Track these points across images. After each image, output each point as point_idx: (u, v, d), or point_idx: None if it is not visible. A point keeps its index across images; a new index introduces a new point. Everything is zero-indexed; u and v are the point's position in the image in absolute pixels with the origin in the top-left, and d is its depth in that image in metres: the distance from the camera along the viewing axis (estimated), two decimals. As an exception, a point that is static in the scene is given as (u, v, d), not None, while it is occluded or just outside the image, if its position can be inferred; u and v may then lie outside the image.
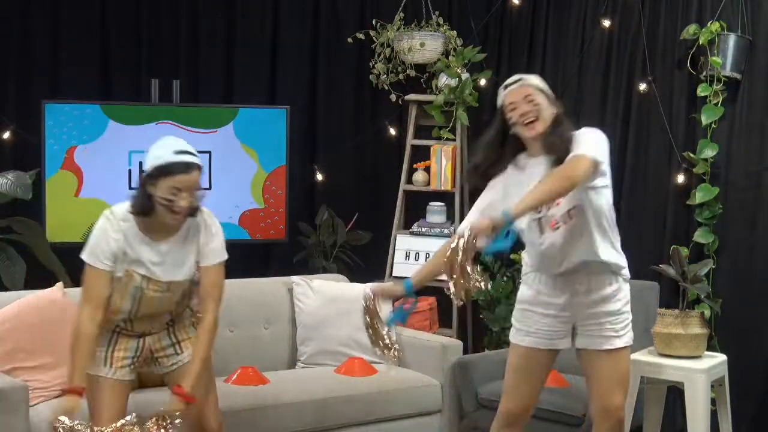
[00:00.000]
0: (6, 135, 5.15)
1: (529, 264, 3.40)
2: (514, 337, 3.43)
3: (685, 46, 4.91)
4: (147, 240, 3.20)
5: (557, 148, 3.20)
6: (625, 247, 5.10)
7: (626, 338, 3.35)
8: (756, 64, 4.73)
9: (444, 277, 3.02)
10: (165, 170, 3.09)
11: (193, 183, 3.13)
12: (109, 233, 3.17)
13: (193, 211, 3.21)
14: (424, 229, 5.57)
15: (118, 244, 3.16)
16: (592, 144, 3.17)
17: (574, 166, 3.08)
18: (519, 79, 3.35)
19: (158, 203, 3.11)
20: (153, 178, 3.10)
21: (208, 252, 3.27)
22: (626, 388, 3.42)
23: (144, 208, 3.15)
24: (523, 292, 3.41)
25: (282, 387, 4.08)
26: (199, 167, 3.16)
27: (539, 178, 3.15)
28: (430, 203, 5.61)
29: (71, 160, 4.97)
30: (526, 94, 3.31)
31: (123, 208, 3.22)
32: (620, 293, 3.34)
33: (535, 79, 3.37)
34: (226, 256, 3.33)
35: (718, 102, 4.77)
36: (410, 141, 5.65)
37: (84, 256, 3.19)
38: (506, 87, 3.37)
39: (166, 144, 3.17)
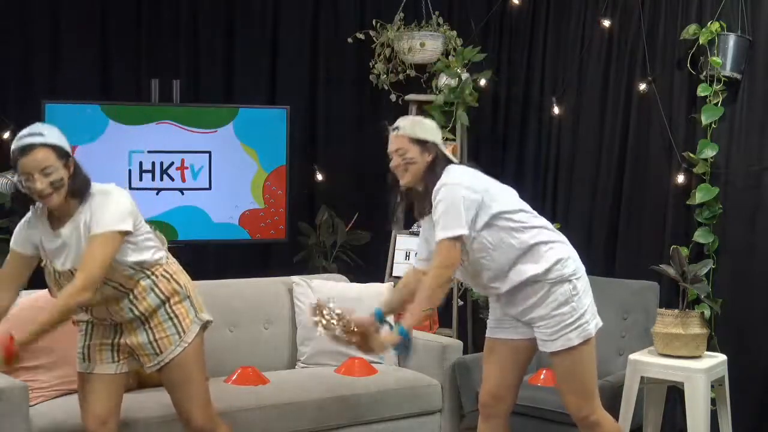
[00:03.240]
0: (6, 135, 5.15)
1: None
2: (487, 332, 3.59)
3: (685, 46, 4.91)
4: (48, 228, 3.16)
5: (423, 213, 3.44)
6: (625, 247, 5.15)
7: (560, 342, 3.29)
8: (756, 64, 4.73)
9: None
10: (11, 161, 3.04)
11: (37, 164, 2.99)
12: (23, 224, 3.21)
13: (76, 187, 3.08)
14: (424, 229, 5.56)
15: (30, 235, 3.18)
16: (444, 228, 3.26)
17: (433, 278, 3.23)
18: (395, 128, 3.52)
19: (25, 191, 3.07)
20: (14, 171, 3.07)
21: (92, 220, 3.08)
22: (579, 389, 3.36)
23: (21, 201, 3.15)
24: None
25: (282, 387, 4.08)
26: (44, 145, 3.01)
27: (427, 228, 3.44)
28: (430, 203, 5.60)
29: (71, 160, 4.96)
30: (398, 147, 3.51)
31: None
32: (548, 298, 3.29)
33: (408, 128, 3.50)
34: (116, 227, 3.05)
35: (718, 102, 4.77)
36: (410, 141, 5.64)
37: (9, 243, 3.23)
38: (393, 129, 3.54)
39: (20, 133, 3.08)
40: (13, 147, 3.04)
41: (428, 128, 3.47)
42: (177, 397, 3.33)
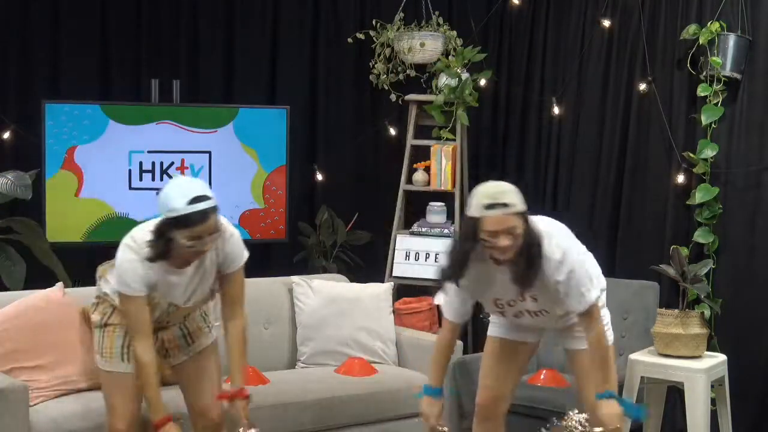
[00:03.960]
0: (6, 135, 5.15)
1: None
2: (488, 331, 3.56)
3: (685, 46, 4.91)
4: (171, 270, 3.20)
5: (519, 283, 3.15)
6: (625, 246, 5.15)
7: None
8: (756, 64, 4.73)
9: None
10: (182, 223, 3.03)
11: (212, 228, 3.08)
12: (137, 266, 3.15)
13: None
14: (424, 229, 5.57)
15: (148, 276, 3.17)
16: (590, 288, 3.21)
17: (597, 331, 3.24)
18: (503, 205, 3.07)
19: (180, 249, 3.08)
20: (170, 228, 3.05)
21: (227, 259, 3.29)
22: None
23: (163, 255, 3.12)
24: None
25: (282, 387, 4.08)
26: (215, 209, 3.09)
27: (503, 283, 3.19)
28: (430, 203, 5.61)
29: (71, 160, 4.97)
30: (510, 226, 3.05)
31: (143, 239, 3.16)
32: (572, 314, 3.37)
33: (517, 202, 3.11)
34: (246, 255, 3.35)
35: (718, 102, 4.77)
36: (410, 141, 5.65)
37: (117, 287, 3.21)
38: (488, 207, 3.06)
39: (177, 192, 3.06)
40: (184, 212, 3.02)
41: (518, 193, 3.18)
42: (198, 389, 3.40)
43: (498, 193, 3.09)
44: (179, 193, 3.05)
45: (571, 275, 3.15)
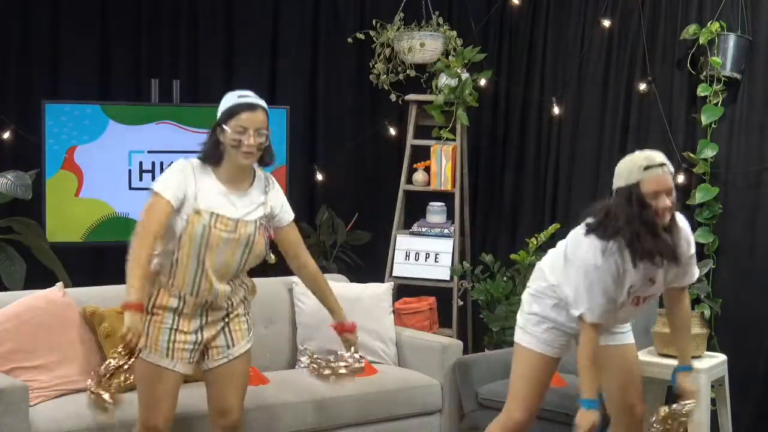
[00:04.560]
0: (6, 135, 5.15)
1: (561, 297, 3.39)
2: (527, 341, 3.43)
3: (685, 46, 4.91)
4: (220, 188, 3.27)
5: (676, 257, 3.21)
6: (625, 247, 5.13)
7: (630, 335, 3.57)
8: (756, 64, 4.73)
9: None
10: (230, 112, 3.23)
11: (258, 121, 3.25)
12: (186, 173, 3.24)
13: (265, 156, 3.35)
14: (424, 229, 5.57)
15: (189, 185, 3.22)
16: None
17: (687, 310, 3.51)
18: (661, 164, 3.16)
19: (229, 146, 3.21)
20: (221, 123, 3.22)
21: (281, 210, 3.44)
22: (640, 383, 3.58)
23: (213, 155, 3.26)
24: (540, 309, 3.42)
25: (282, 387, 4.08)
26: (263, 108, 3.30)
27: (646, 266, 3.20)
28: (430, 203, 5.61)
29: (71, 160, 4.96)
30: (670, 187, 3.14)
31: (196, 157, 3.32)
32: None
33: (670, 164, 3.22)
34: (293, 215, 3.52)
35: (718, 102, 4.77)
36: (410, 141, 5.65)
37: (154, 185, 3.24)
38: (647, 169, 3.14)
39: (231, 94, 3.30)
40: (234, 101, 3.24)
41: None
42: (225, 388, 3.38)
43: (653, 157, 3.20)
44: (233, 94, 3.30)
45: (694, 254, 3.34)
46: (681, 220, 3.30)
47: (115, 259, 4.96)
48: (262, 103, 3.32)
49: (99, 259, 5.28)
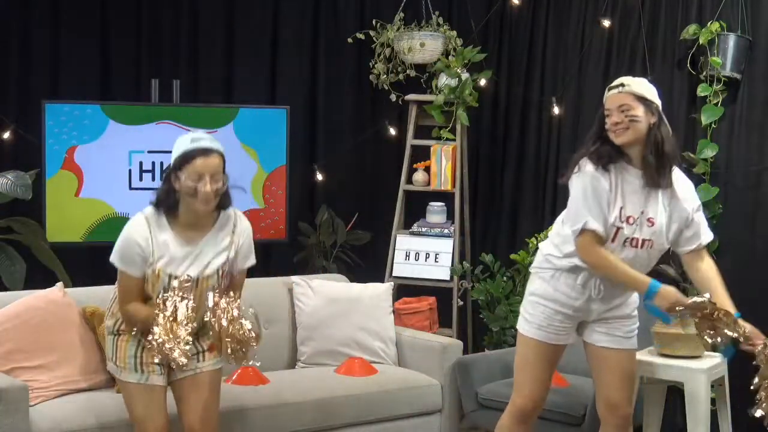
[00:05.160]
0: (6, 135, 5.15)
1: (559, 256, 3.39)
2: (523, 327, 3.45)
3: (685, 46, 4.91)
4: (180, 240, 3.22)
5: (651, 174, 3.27)
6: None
7: (634, 341, 3.52)
8: (756, 64, 4.73)
9: None
10: (184, 157, 3.14)
11: (214, 166, 3.16)
12: (141, 239, 3.18)
13: (223, 200, 3.25)
14: (424, 229, 5.57)
15: (147, 249, 3.18)
16: (708, 235, 3.45)
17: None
18: (620, 84, 3.31)
19: (185, 195, 3.15)
20: (175, 170, 3.15)
21: (243, 257, 3.36)
22: (633, 388, 3.53)
23: (167, 203, 3.19)
24: (538, 286, 3.43)
25: (282, 387, 4.08)
26: (219, 153, 3.19)
27: (642, 197, 3.30)
28: (430, 203, 5.62)
29: (71, 160, 4.97)
30: (622, 103, 3.27)
31: (152, 207, 3.25)
32: (631, 298, 3.48)
33: (637, 86, 3.30)
34: (254, 261, 3.43)
35: (718, 102, 4.77)
36: (410, 141, 5.65)
37: (115, 260, 3.22)
38: (609, 89, 3.35)
39: (184, 137, 3.22)
40: (187, 147, 3.14)
41: (652, 90, 3.34)
42: (192, 402, 3.34)
43: (621, 78, 3.35)
44: (185, 138, 3.21)
45: (700, 209, 3.37)
46: (679, 173, 3.38)
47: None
48: (218, 146, 3.21)
49: (99, 259, 5.22)
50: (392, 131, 5.96)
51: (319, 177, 5.91)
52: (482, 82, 5.62)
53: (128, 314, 3.23)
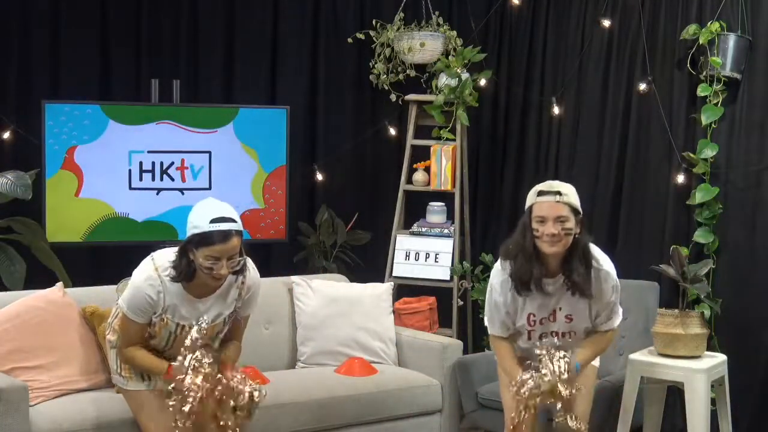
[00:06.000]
0: (6, 135, 5.15)
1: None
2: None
3: (685, 46, 4.91)
4: (189, 298, 3.25)
5: (579, 288, 3.29)
6: (625, 246, 5.15)
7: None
8: (756, 64, 4.73)
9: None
10: (203, 240, 3.11)
11: (231, 250, 3.14)
12: (150, 291, 3.21)
13: (236, 272, 3.27)
14: (424, 229, 5.57)
15: (158, 302, 3.22)
16: (617, 314, 3.46)
17: (608, 341, 3.49)
18: (557, 192, 3.26)
19: (199, 269, 3.15)
20: (192, 246, 3.14)
21: (246, 303, 3.40)
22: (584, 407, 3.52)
23: (186, 275, 3.19)
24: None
25: (282, 387, 4.08)
26: (238, 233, 3.17)
27: (556, 299, 3.33)
28: (430, 203, 5.61)
29: (71, 160, 4.96)
30: (560, 215, 3.24)
31: (166, 259, 3.24)
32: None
33: (571, 195, 3.30)
34: (254, 309, 3.51)
35: (718, 102, 4.77)
36: (410, 141, 5.65)
37: (122, 305, 3.28)
38: (540, 194, 3.27)
39: (203, 211, 3.17)
40: (206, 229, 3.11)
41: (578, 198, 3.35)
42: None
43: (553, 184, 3.30)
44: (205, 213, 3.14)
45: (615, 290, 3.35)
46: (605, 261, 3.39)
47: (115, 259, 5.00)
48: (237, 226, 3.18)
49: (99, 259, 5.28)
50: (392, 131, 5.96)
51: (319, 177, 5.91)
52: (482, 82, 5.62)
53: (130, 359, 3.31)
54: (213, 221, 3.11)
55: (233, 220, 3.15)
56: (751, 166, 4.74)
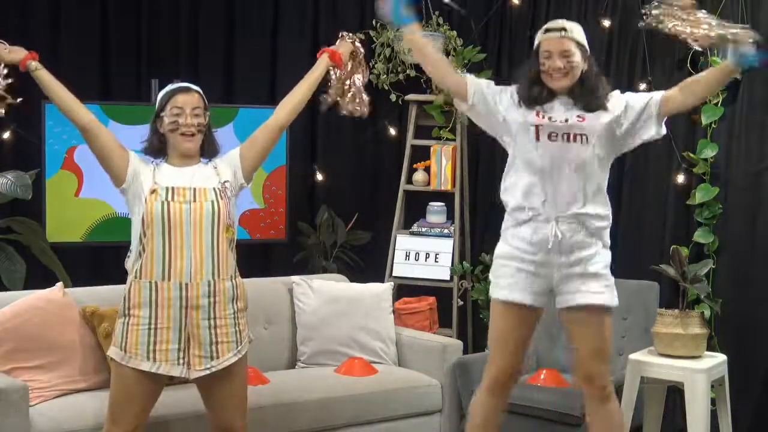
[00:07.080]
0: (6, 135, 5.15)
1: (512, 206, 3.46)
2: (491, 293, 3.47)
3: (685, 46, 4.90)
4: (172, 167, 3.32)
5: (587, 97, 3.36)
6: (625, 247, 5.15)
7: (605, 297, 3.32)
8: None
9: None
10: (165, 98, 3.31)
11: (194, 101, 3.32)
12: (144, 160, 3.35)
13: (208, 147, 3.35)
14: (424, 229, 5.57)
15: (147, 167, 3.31)
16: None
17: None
18: (562, 29, 3.37)
19: (168, 131, 3.27)
20: (159, 114, 3.29)
21: (233, 154, 3.47)
22: (605, 355, 3.38)
23: (155, 148, 3.32)
24: (500, 247, 3.49)
25: (282, 387, 4.08)
26: (199, 93, 3.37)
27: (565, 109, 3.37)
28: (430, 203, 5.62)
29: (71, 160, 4.97)
30: (565, 48, 3.34)
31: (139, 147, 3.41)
32: (597, 257, 3.35)
33: (576, 32, 3.39)
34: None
35: (718, 102, 4.77)
36: (410, 141, 5.65)
37: None
38: (546, 31, 3.40)
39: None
40: (167, 89, 3.35)
41: (585, 36, 3.44)
42: (223, 407, 3.31)
43: (558, 22, 3.42)
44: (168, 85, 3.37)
45: (630, 96, 3.46)
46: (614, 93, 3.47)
47: (115, 259, 4.99)
48: (197, 88, 3.39)
49: (99, 259, 5.28)
50: (392, 131, 5.96)
51: (319, 177, 5.91)
52: (482, 82, 5.62)
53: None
54: (174, 83, 3.37)
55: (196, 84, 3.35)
56: (751, 166, 4.74)
